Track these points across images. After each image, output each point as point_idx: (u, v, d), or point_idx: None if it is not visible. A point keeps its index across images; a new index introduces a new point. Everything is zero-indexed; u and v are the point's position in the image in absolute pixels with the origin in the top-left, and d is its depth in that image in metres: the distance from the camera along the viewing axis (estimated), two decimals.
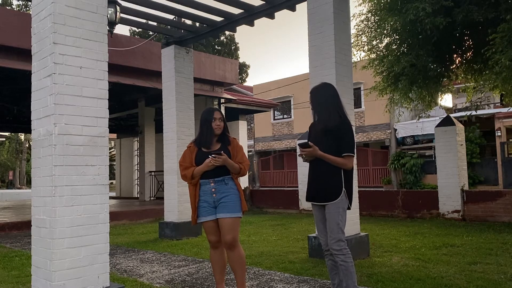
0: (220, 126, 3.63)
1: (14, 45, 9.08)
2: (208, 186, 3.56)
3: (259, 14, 7.04)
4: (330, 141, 3.30)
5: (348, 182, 3.34)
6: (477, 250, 5.66)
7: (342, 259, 3.20)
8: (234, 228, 3.53)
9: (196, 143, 3.68)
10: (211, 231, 3.59)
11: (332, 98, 3.43)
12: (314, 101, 3.50)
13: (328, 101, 3.41)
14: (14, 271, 5.12)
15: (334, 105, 3.39)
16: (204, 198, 3.57)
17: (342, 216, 3.29)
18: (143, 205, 13.18)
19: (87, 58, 3.34)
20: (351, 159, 3.31)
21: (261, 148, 28.11)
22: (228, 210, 3.52)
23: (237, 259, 3.56)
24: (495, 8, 6.32)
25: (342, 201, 3.29)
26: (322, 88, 3.51)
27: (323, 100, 3.44)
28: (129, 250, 6.48)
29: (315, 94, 3.50)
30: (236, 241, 3.55)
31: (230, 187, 3.57)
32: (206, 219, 3.57)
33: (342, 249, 3.21)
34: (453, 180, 9.13)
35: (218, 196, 3.55)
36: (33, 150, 3.39)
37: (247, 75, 39.73)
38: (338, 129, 3.30)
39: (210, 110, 3.68)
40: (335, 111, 3.37)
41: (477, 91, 9.55)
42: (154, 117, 15.87)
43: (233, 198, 3.56)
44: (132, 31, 33.52)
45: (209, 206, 3.56)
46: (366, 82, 19.71)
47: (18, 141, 48.24)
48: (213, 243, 3.63)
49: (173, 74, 7.92)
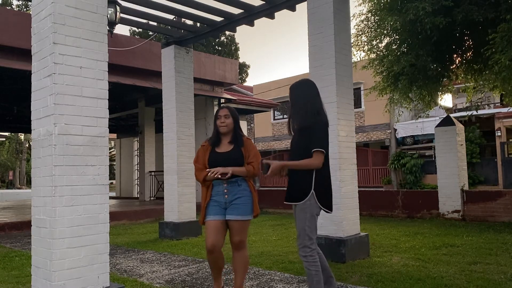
0: (225, 123, 3.56)
1: (14, 45, 9.08)
2: (221, 187, 3.51)
3: (259, 14, 7.04)
4: (303, 140, 3.19)
5: (320, 184, 3.16)
6: (477, 250, 5.66)
7: (306, 266, 3.11)
8: (243, 230, 3.51)
9: (210, 142, 3.66)
10: (213, 230, 3.47)
11: (309, 96, 3.31)
12: (292, 99, 3.38)
13: (305, 99, 3.30)
14: (14, 271, 5.12)
15: (310, 103, 3.27)
16: (215, 198, 3.53)
17: (310, 221, 3.12)
18: (143, 205, 13.18)
19: (87, 58, 3.34)
20: (320, 155, 3.11)
21: (261, 148, 28.10)
22: (238, 212, 3.47)
23: (241, 260, 3.55)
24: (495, 8, 6.32)
25: (311, 205, 3.12)
26: (300, 85, 3.38)
27: (300, 98, 3.33)
28: (129, 250, 6.48)
29: (293, 91, 3.38)
30: (243, 242, 3.53)
31: (243, 188, 3.53)
32: (213, 218, 3.49)
33: (307, 256, 3.09)
34: (453, 180, 9.13)
35: (230, 197, 3.50)
36: (33, 150, 3.39)
37: (247, 75, 39.73)
38: (310, 127, 3.18)
39: (219, 108, 3.67)
40: (312, 109, 3.24)
41: (477, 91, 9.56)
42: (154, 117, 15.88)
43: (244, 200, 3.51)
44: (132, 31, 33.51)
45: (219, 206, 3.51)
46: (366, 82, 19.71)
47: (18, 141, 48.25)
48: (209, 247, 3.47)
49: (173, 74, 7.92)
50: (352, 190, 5.61)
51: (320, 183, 3.16)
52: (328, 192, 3.23)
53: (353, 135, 5.77)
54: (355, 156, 5.74)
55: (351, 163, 5.63)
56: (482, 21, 6.47)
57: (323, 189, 3.17)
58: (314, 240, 3.14)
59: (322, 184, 3.17)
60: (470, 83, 9.06)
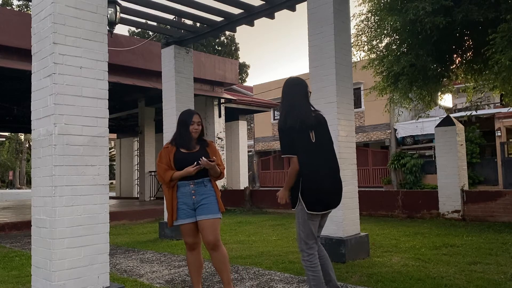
0: (197, 130, 3.66)
1: (14, 45, 9.08)
2: (188, 188, 3.55)
3: (259, 14, 7.04)
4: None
5: (307, 188, 3.12)
6: (477, 250, 5.66)
7: (305, 269, 3.18)
8: (216, 228, 3.57)
9: (174, 144, 3.67)
10: (190, 233, 3.61)
11: (284, 97, 3.30)
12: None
13: (282, 100, 3.31)
14: (14, 271, 5.12)
15: (282, 105, 3.26)
16: (182, 200, 3.56)
17: (304, 226, 3.15)
18: (143, 205, 13.18)
19: (87, 58, 3.34)
20: (291, 160, 3.11)
21: (261, 148, 28.11)
22: (209, 211, 3.54)
23: (221, 258, 3.60)
24: (495, 8, 6.32)
25: (301, 210, 3.14)
26: (283, 86, 3.36)
27: (282, 99, 3.32)
28: (129, 250, 6.48)
29: (283, 90, 3.36)
30: (219, 241, 3.58)
31: (209, 189, 3.60)
32: (185, 221, 3.57)
33: (305, 260, 3.16)
34: (453, 180, 9.12)
35: (198, 198, 3.56)
36: (33, 150, 3.39)
37: (247, 75, 39.73)
38: (279, 132, 3.21)
39: (190, 113, 3.71)
40: (281, 112, 3.23)
41: (477, 91, 9.55)
42: (154, 117, 15.88)
43: (212, 200, 3.58)
44: (132, 31, 33.49)
45: (188, 208, 3.56)
46: (366, 82, 19.71)
47: (18, 141, 48.26)
48: (191, 244, 3.65)
49: (173, 74, 7.92)
50: (352, 190, 5.61)
51: (308, 187, 3.12)
52: (319, 194, 3.15)
53: (353, 135, 5.77)
54: (355, 156, 5.74)
55: (351, 163, 5.63)
56: (482, 21, 6.47)
57: (311, 193, 3.12)
58: (311, 244, 3.15)
59: (309, 188, 3.12)
60: (470, 83, 9.05)
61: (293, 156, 3.10)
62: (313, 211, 3.12)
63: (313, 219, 3.16)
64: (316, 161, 3.16)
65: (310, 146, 3.16)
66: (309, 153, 3.14)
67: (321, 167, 3.18)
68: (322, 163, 3.20)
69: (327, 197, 3.20)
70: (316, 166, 3.16)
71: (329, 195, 3.21)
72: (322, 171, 3.19)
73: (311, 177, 3.12)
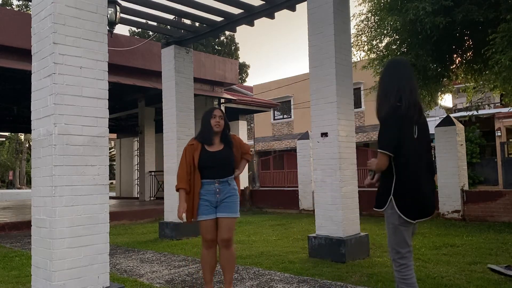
0: (219, 123, 3.71)
1: (14, 45, 9.08)
2: (213, 186, 3.62)
3: (259, 14, 7.04)
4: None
5: (402, 189, 2.76)
6: (477, 250, 5.65)
7: (396, 280, 2.82)
8: (233, 227, 3.68)
9: (199, 139, 3.74)
10: (210, 229, 3.65)
11: (387, 81, 2.89)
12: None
13: (383, 85, 2.93)
14: (14, 271, 5.12)
15: (384, 90, 2.88)
16: (206, 197, 3.62)
17: (395, 233, 2.80)
18: (143, 205, 13.18)
19: (87, 58, 3.34)
20: (380, 157, 2.80)
21: (261, 148, 28.12)
22: (230, 210, 3.63)
23: (229, 257, 3.67)
24: (495, 8, 6.32)
25: (392, 214, 2.78)
26: (384, 69, 2.97)
27: (380, 84, 2.95)
28: (129, 250, 6.48)
29: (386, 73, 2.95)
30: (232, 240, 3.68)
31: (233, 187, 3.70)
32: (208, 217, 3.62)
33: (397, 271, 2.78)
34: (453, 180, 9.13)
35: (222, 196, 3.64)
36: (33, 150, 3.39)
37: (247, 75, 39.74)
38: (380, 120, 2.87)
39: (211, 109, 3.83)
40: (383, 98, 2.87)
41: (477, 91, 9.56)
42: (154, 117, 15.87)
43: (234, 199, 3.68)
44: (132, 31, 33.49)
45: (210, 205, 3.63)
46: (366, 82, 19.71)
47: (18, 141, 48.24)
48: (209, 242, 3.68)
49: (173, 74, 7.92)
50: (352, 190, 5.61)
51: (405, 191, 2.71)
52: (418, 200, 2.73)
53: (353, 135, 5.77)
54: (355, 156, 5.75)
55: (351, 163, 5.63)
56: (482, 21, 6.47)
57: (409, 199, 2.70)
58: (404, 253, 2.74)
59: (407, 193, 2.71)
60: (470, 83, 9.06)
61: (391, 154, 2.72)
62: (409, 218, 2.71)
63: (406, 225, 2.75)
64: (417, 161, 2.76)
65: (413, 142, 2.75)
66: (411, 151, 2.74)
67: (421, 170, 2.77)
68: (423, 165, 2.79)
69: (426, 204, 2.79)
70: (417, 168, 2.75)
71: (428, 202, 2.80)
72: (423, 174, 2.77)
73: (411, 179, 2.72)
